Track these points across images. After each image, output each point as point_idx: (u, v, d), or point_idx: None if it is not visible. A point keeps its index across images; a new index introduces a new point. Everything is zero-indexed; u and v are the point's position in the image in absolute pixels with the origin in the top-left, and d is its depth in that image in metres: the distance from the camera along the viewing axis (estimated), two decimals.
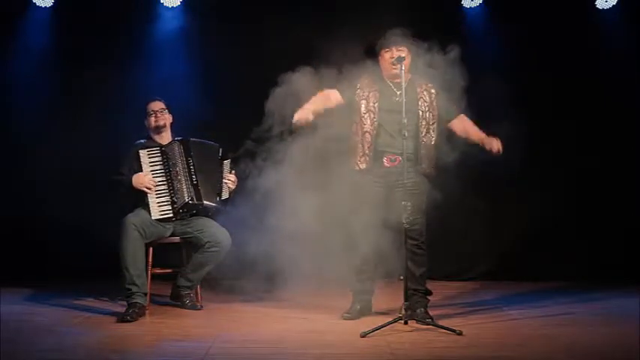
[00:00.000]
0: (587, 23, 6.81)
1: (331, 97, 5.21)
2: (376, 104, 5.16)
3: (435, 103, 5.16)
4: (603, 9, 6.78)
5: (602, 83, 6.73)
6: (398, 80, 5.09)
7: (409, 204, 4.82)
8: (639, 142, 6.77)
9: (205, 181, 5.59)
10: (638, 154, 6.76)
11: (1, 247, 6.48)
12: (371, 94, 5.18)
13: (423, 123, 5.11)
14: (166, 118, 5.67)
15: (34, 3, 6.70)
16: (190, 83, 6.59)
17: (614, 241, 6.72)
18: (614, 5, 6.75)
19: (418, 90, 5.16)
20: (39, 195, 6.64)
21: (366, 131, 5.16)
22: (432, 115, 5.16)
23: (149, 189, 5.46)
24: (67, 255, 6.57)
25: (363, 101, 5.19)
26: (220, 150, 5.74)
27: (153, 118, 5.63)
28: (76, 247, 6.55)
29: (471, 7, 6.79)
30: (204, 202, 5.56)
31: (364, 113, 5.17)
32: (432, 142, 5.16)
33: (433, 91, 5.18)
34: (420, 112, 5.12)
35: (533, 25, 6.69)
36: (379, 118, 5.14)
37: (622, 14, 6.76)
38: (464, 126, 5.26)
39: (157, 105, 5.66)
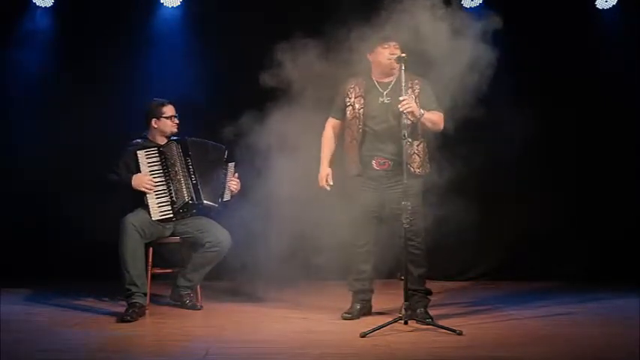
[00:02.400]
0: (587, 23, 6.81)
1: (335, 130, 5.30)
2: (361, 110, 5.15)
3: (417, 101, 5.04)
4: (603, 9, 6.78)
5: (602, 83, 6.73)
6: (386, 80, 5.09)
7: (409, 204, 4.82)
8: (639, 142, 6.77)
9: (205, 181, 5.58)
10: (637, 154, 6.76)
11: (1, 247, 6.47)
12: (356, 99, 5.18)
13: (407, 122, 4.98)
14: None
15: (34, 3, 6.70)
16: (190, 82, 6.58)
17: (614, 241, 6.72)
18: (614, 5, 6.74)
19: (403, 89, 5.07)
20: (39, 195, 6.64)
21: (354, 138, 5.17)
22: None
23: (148, 190, 5.46)
24: (67, 255, 6.57)
25: (349, 108, 5.20)
26: (226, 152, 5.74)
27: (170, 122, 5.60)
28: (76, 248, 6.55)
29: (470, 7, 6.78)
30: (204, 201, 5.55)
31: (350, 120, 5.19)
32: (419, 142, 5.10)
33: (418, 87, 5.10)
34: (403, 113, 4.94)
35: (533, 25, 6.68)
36: (364, 124, 5.14)
37: (622, 14, 6.76)
38: None
39: (173, 110, 5.64)
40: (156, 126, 5.62)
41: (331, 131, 5.31)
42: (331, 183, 5.23)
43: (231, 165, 5.76)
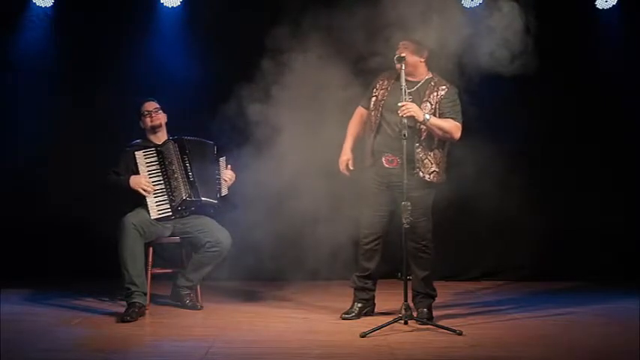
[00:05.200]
0: (587, 23, 6.81)
1: (362, 119, 5.28)
2: (382, 102, 5.14)
3: (438, 106, 5.03)
4: (603, 9, 6.78)
5: (602, 83, 6.72)
6: (413, 79, 5.05)
7: (409, 204, 4.80)
8: (639, 142, 6.77)
9: (202, 178, 5.59)
10: (637, 153, 6.76)
11: (1, 247, 6.47)
12: (381, 92, 5.17)
13: (423, 127, 5.01)
14: (161, 118, 5.66)
15: (34, 3, 6.70)
16: (190, 82, 6.58)
17: (614, 241, 6.72)
18: (614, 5, 6.74)
19: (427, 92, 5.06)
20: (39, 194, 6.64)
21: (371, 129, 5.16)
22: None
23: (146, 191, 5.46)
24: (67, 255, 6.57)
25: (374, 98, 5.18)
26: (215, 147, 5.74)
27: (148, 119, 5.62)
28: (76, 247, 6.55)
29: (470, 8, 6.78)
30: (202, 198, 5.56)
31: (371, 111, 5.18)
32: (434, 147, 5.04)
33: (443, 92, 5.05)
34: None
35: (532, 25, 6.67)
36: (381, 116, 5.11)
37: (622, 14, 6.76)
38: None
39: (152, 105, 5.65)
40: (142, 125, 5.65)
41: (358, 118, 5.30)
42: (352, 168, 5.23)
43: (222, 159, 5.76)
